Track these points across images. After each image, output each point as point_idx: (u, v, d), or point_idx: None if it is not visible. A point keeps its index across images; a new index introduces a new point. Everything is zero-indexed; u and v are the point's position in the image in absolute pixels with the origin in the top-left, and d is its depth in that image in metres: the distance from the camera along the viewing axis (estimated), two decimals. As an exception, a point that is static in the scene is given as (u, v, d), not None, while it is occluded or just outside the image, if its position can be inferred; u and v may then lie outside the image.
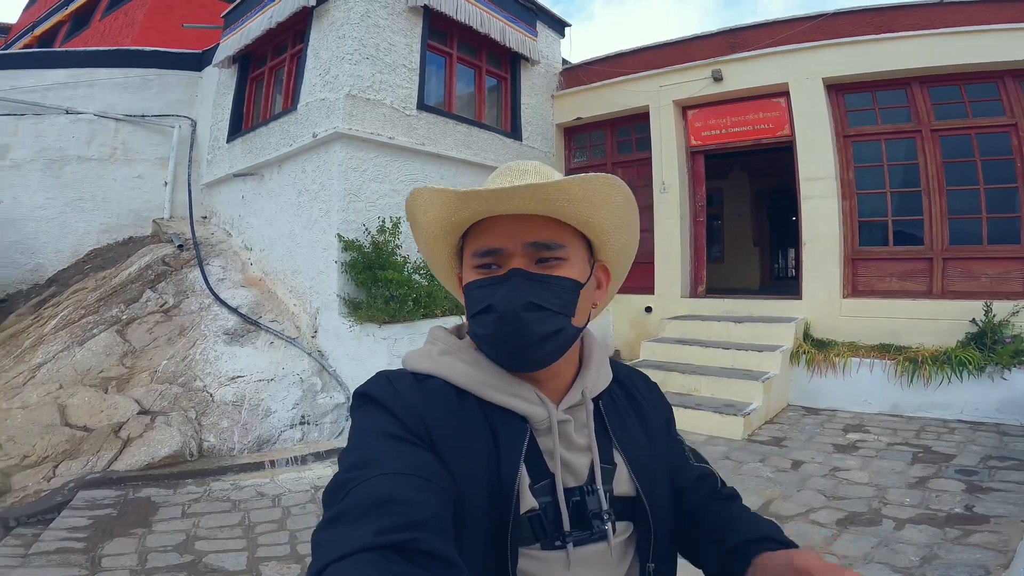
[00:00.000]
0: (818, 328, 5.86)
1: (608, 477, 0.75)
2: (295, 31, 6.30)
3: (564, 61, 8.20)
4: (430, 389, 0.73)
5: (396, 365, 3.93)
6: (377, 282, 5.39)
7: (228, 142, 6.84)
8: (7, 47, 13.71)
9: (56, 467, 3.94)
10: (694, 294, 6.97)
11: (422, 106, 6.09)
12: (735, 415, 4.59)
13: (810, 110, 5.96)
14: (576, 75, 7.86)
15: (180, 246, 6.50)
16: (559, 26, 8.11)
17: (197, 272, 6.24)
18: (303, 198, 5.80)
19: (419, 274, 5.67)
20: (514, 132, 7.30)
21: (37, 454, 4.02)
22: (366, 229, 5.50)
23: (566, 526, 0.70)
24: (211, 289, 6.02)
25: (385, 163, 5.74)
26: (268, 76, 6.83)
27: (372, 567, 0.49)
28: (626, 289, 7.57)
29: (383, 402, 0.70)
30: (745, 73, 6.32)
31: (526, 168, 0.76)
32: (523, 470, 0.69)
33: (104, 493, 3.68)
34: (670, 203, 6.86)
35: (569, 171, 8.06)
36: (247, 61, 6.98)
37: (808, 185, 5.98)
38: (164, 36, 8.46)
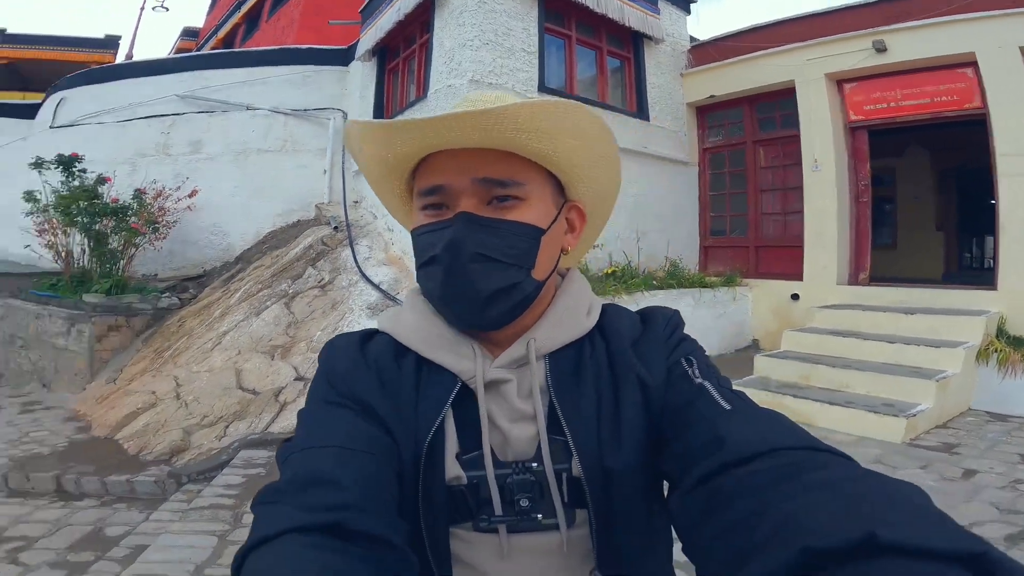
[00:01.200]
0: (1016, 324, 4.88)
1: (562, 454, 0.61)
2: (421, 22, 6.68)
3: (692, 38, 7.80)
4: (371, 348, 0.68)
5: None
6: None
7: None
8: (199, 49, 16.23)
9: (227, 427, 4.34)
10: (853, 281, 6.19)
11: (543, 88, 6.17)
12: (895, 416, 3.97)
13: (1006, 80, 5.06)
14: (707, 52, 7.43)
15: (335, 228, 7.29)
16: (684, 3, 7.74)
17: (349, 251, 6.93)
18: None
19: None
20: (640, 112, 7.10)
21: (214, 414, 4.57)
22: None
23: (496, 507, 0.59)
24: (358, 267, 6.65)
25: None
26: (402, 67, 7.31)
27: (293, 551, 0.44)
28: (768, 274, 6.97)
29: (323, 367, 0.67)
30: (916, 43, 5.54)
31: (484, 98, 0.67)
32: (448, 436, 0.61)
33: (260, 453, 3.88)
34: (823, 182, 6.19)
35: (704, 151, 7.62)
36: (384, 53, 7.52)
37: (1007, 162, 5.06)
38: (318, 33, 9.45)
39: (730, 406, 0.57)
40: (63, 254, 7.08)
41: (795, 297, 6.34)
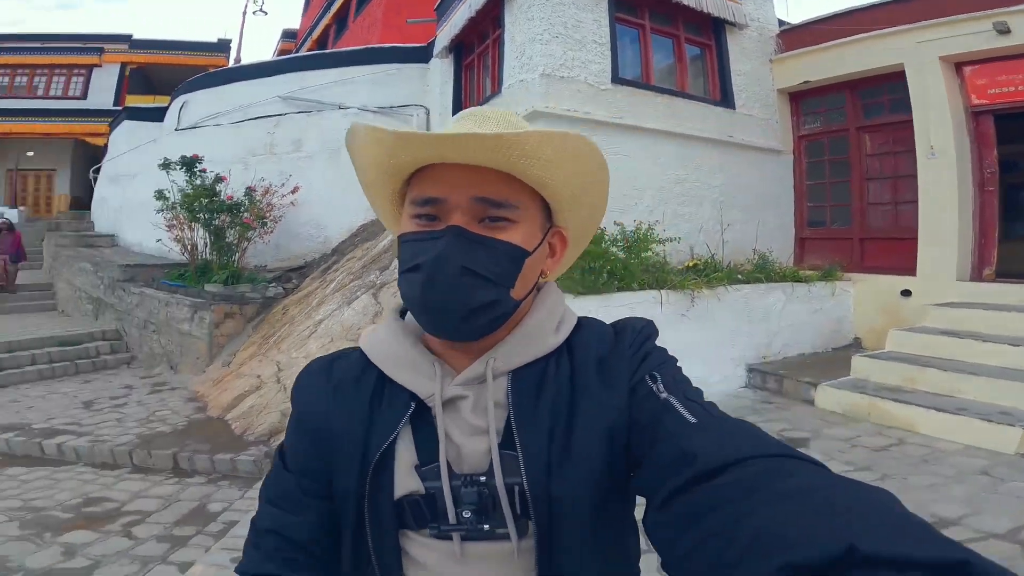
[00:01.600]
0: None
1: (515, 468, 0.63)
2: (492, 17, 6.73)
3: (781, 23, 7.33)
4: (338, 367, 0.73)
5: None
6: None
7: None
8: (297, 50, 17.22)
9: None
10: (976, 277, 5.57)
11: (617, 79, 6.06)
12: (1010, 425, 3.56)
13: None
14: (799, 36, 6.96)
15: (421, 223, 7.60)
16: (769, -13, 7.25)
17: (433, 245, 7.21)
18: (513, 174, 6.27)
19: (616, 246, 5.64)
20: (724, 100, 6.79)
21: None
22: (568, 203, 5.68)
23: (450, 516, 0.63)
24: (441, 260, 6.90)
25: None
26: (477, 62, 7.41)
27: None
28: (874, 268, 6.49)
29: (293, 401, 0.74)
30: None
31: (490, 115, 0.68)
32: (402, 451, 0.65)
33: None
34: (942, 170, 5.64)
35: (799, 139, 7.14)
36: (459, 50, 7.65)
37: None
38: (401, 32, 9.75)
39: (696, 419, 0.57)
40: (188, 247, 7.94)
41: (906, 293, 5.80)
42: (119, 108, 14.98)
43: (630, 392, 0.64)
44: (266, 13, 19.96)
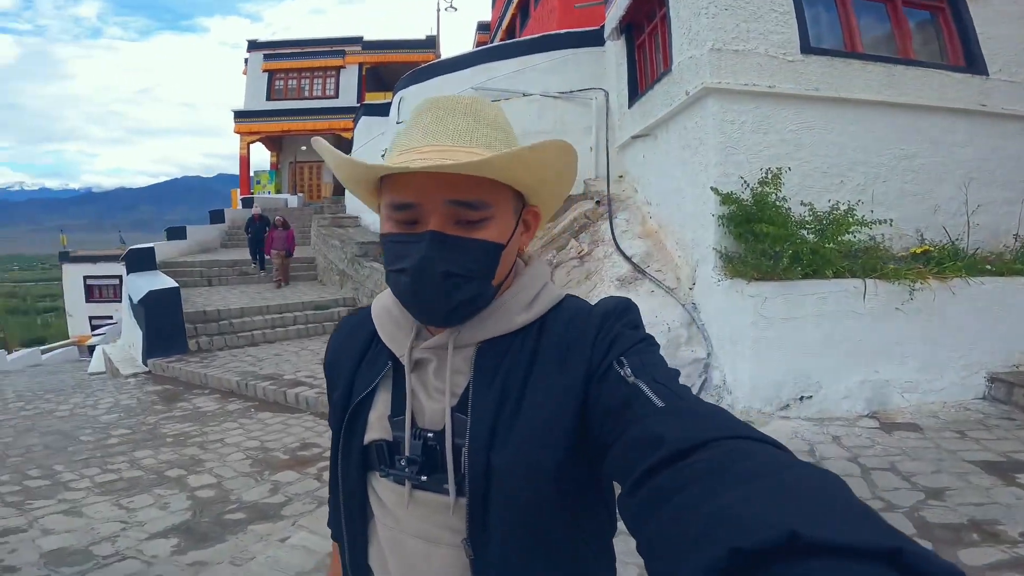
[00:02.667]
0: None
1: (463, 430, 0.68)
2: None
3: None
4: (355, 326, 0.84)
5: (762, 325, 4.09)
6: (753, 236, 5.13)
7: (629, 107, 7.52)
8: (491, 41, 17.95)
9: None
10: None
11: (808, 50, 5.36)
12: None
13: None
14: None
15: (598, 202, 7.69)
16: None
17: (607, 224, 7.28)
18: (685, 153, 5.96)
19: (807, 229, 5.07)
20: (971, 66, 5.59)
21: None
22: (745, 182, 5.26)
23: (402, 462, 0.70)
24: (614, 239, 6.94)
25: (767, 113, 5.35)
26: (648, 41, 7.11)
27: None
28: None
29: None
30: None
31: (453, 107, 0.69)
32: (380, 401, 0.75)
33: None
34: None
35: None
36: (630, 30, 7.40)
37: None
38: (579, 16, 9.64)
39: (664, 403, 0.57)
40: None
41: None
42: (358, 105, 17.66)
43: (599, 380, 0.65)
44: (456, 9, 21.19)
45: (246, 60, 22.18)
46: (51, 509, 3.51)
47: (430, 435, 0.69)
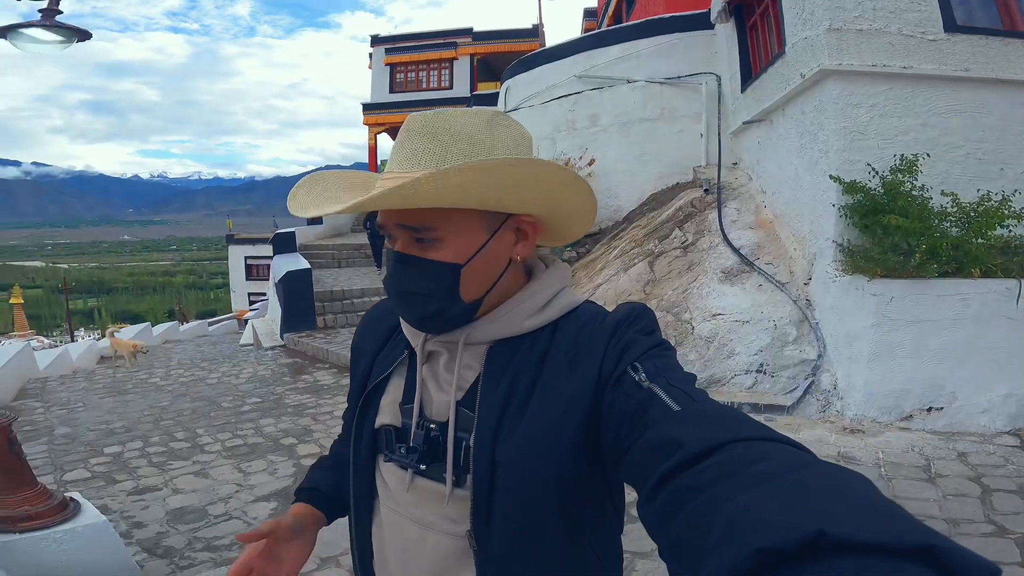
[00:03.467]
0: None
1: (467, 424, 0.70)
2: None
3: None
4: (382, 314, 0.88)
5: (886, 327, 4.06)
6: (882, 228, 4.56)
7: (742, 92, 6.99)
8: (599, 27, 17.29)
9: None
10: None
11: (954, 28, 4.74)
12: None
13: None
14: None
15: (706, 190, 7.24)
16: None
17: (715, 214, 6.84)
18: (804, 140, 5.45)
19: (949, 221, 4.41)
20: None
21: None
22: (873, 170, 4.68)
23: (402, 449, 0.74)
24: (722, 229, 6.51)
25: (904, 96, 4.81)
26: (760, 23, 6.57)
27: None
28: None
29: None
30: None
31: (416, 126, 0.70)
32: (393, 388, 0.79)
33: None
34: None
35: None
36: (740, 12, 6.88)
37: None
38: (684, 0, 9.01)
39: (680, 407, 0.57)
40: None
41: None
42: (470, 95, 18.14)
43: (613, 385, 0.65)
44: None
45: (370, 55, 23.45)
46: (185, 470, 4.08)
47: (433, 426, 0.73)
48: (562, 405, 0.67)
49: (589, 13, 21.46)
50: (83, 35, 2.77)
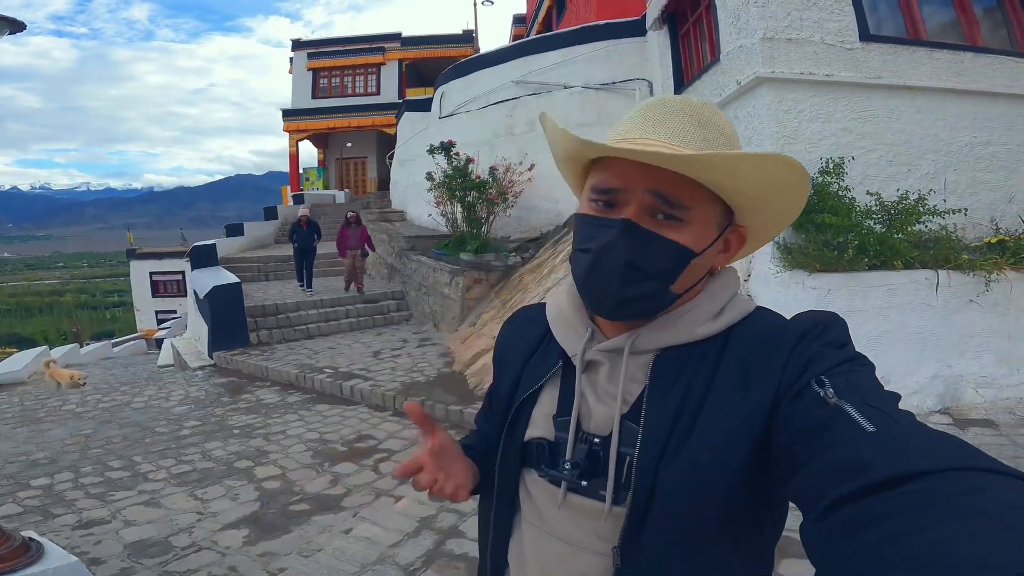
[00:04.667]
0: None
1: (631, 439, 0.66)
2: None
3: None
4: (527, 320, 0.85)
5: None
6: (815, 226, 4.94)
7: None
8: (527, 34, 17.73)
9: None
10: None
11: (867, 37, 5.27)
12: None
13: None
14: None
15: (647, 193, 7.57)
16: None
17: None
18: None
19: (873, 219, 4.85)
20: None
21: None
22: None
23: (567, 464, 0.70)
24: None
25: (827, 102, 5.25)
26: (693, 31, 7.02)
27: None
28: None
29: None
30: None
31: (679, 107, 0.68)
32: (546, 399, 0.75)
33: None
34: None
35: None
36: (673, 20, 7.33)
37: None
38: (618, 6, 9.45)
39: (875, 428, 0.51)
40: (450, 221, 9.34)
41: None
42: (400, 101, 17.89)
43: (791, 400, 0.60)
44: (492, 3, 20.96)
45: (291, 59, 22.70)
46: (132, 500, 3.72)
47: (596, 440, 0.69)
48: (735, 423, 0.62)
49: (518, 19, 21.73)
50: (16, 26, 2.47)
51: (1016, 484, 0.40)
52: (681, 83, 7.27)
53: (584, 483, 0.68)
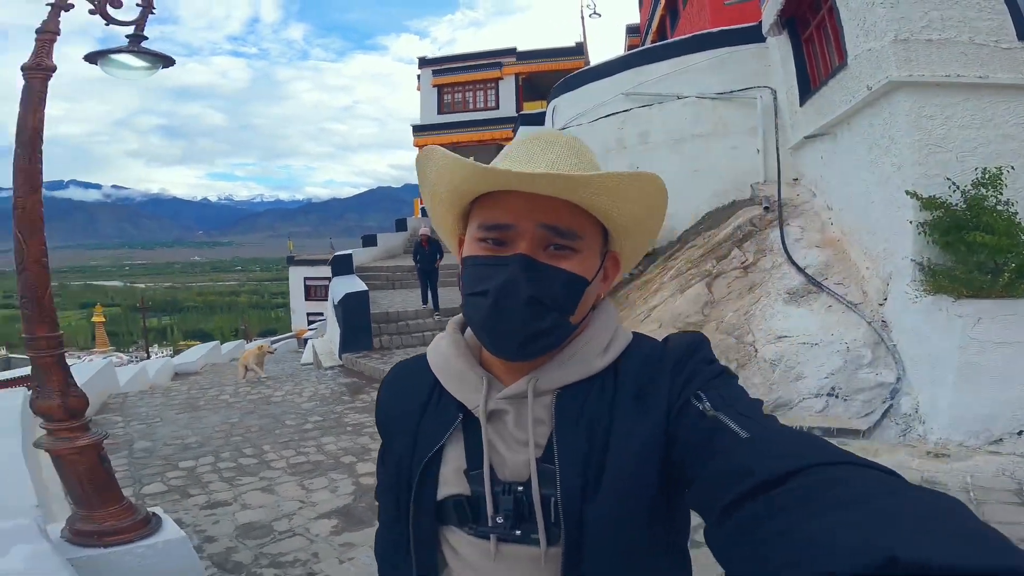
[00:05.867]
0: None
1: (550, 480, 0.66)
2: None
3: None
4: (409, 376, 0.81)
5: (971, 349, 4.06)
6: (966, 246, 4.29)
7: (800, 105, 6.78)
8: (642, 43, 17.04)
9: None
10: None
11: None
12: None
13: None
14: None
15: (766, 208, 7.01)
16: None
17: (778, 232, 6.60)
18: (873, 154, 5.22)
19: (1038, 236, 4.11)
20: None
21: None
22: (952, 184, 4.43)
23: (490, 519, 0.68)
24: (785, 248, 6.28)
25: (983, 107, 4.60)
26: (816, 35, 6.40)
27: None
28: None
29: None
30: None
31: (555, 139, 0.70)
32: (452, 455, 0.72)
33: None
34: None
35: None
36: (793, 24, 6.70)
37: None
38: (732, 13, 8.83)
39: (749, 434, 0.55)
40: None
41: None
42: (516, 115, 18.33)
43: (676, 416, 0.64)
44: (600, 15, 20.45)
45: (418, 76, 24.01)
46: (253, 486, 4.21)
47: (519, 488, 0.68)
48: (641, 448, 0.64)
49: (632, 30, 21.31)
50: (167, 61, 2.83)
51: (869, 472, 0.46)
52: (807, 89, 6.69)
53: (518, 532, 0.68)
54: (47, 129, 2.46)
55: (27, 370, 7.73)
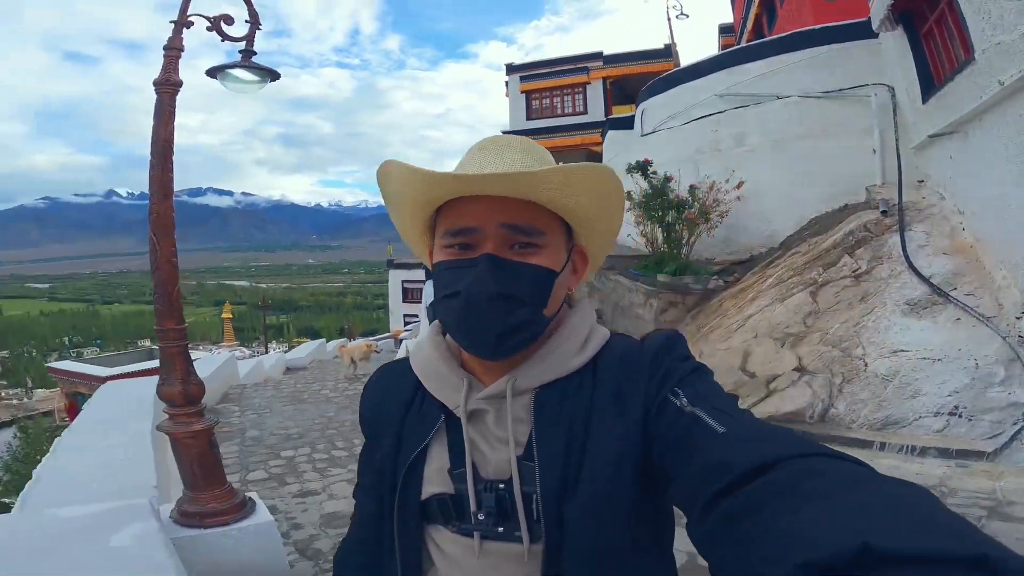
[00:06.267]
0: None
1: (531, 477, 0.67)
2: None
3: None
4: (393, 377, 0.82)
5: None
6: None
7: (923, 103, 6.10)
8: (737, 43, 15.94)
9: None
10: None
11: None
12: None
13: None
14: None
15: (884, 212, 6.36)
16: None
17: (897, 238, 5.98)
18: (1011, 151, 4.58)
19: None
20: None
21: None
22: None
23: (472, 516, 0.70)
24: (906, 255, 5.67)
25: None
26: (936, 29, 5.74)
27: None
28: None
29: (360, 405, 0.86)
30: None
31: (508, 143, 0.72)
32: (436, 455, 0.73)
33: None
34: None
35: None
36: (909, 18, 6.01)
37: None
38: (832, 9, 8.08)
39: (724, 428, 0.56)
40: (649, 240, 9.12)
41: None
42: (605, 119, 18.01)
43: (655, 415, 0.65)
44: (687, 16, 19.33)
45: (506, 83, 24.12)
46: (341, 477, 4.45)
47: (501, 485, 0.69)
48: (619, 446, 0.65)
49: (725, 29, 20.16)
50: (274, 75, 3.02)
51: (841, 464, 0.47)
52: (930, 86, 6.02)
53: (500, 529, 0.69)
54: (188, 139, 2.66)
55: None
